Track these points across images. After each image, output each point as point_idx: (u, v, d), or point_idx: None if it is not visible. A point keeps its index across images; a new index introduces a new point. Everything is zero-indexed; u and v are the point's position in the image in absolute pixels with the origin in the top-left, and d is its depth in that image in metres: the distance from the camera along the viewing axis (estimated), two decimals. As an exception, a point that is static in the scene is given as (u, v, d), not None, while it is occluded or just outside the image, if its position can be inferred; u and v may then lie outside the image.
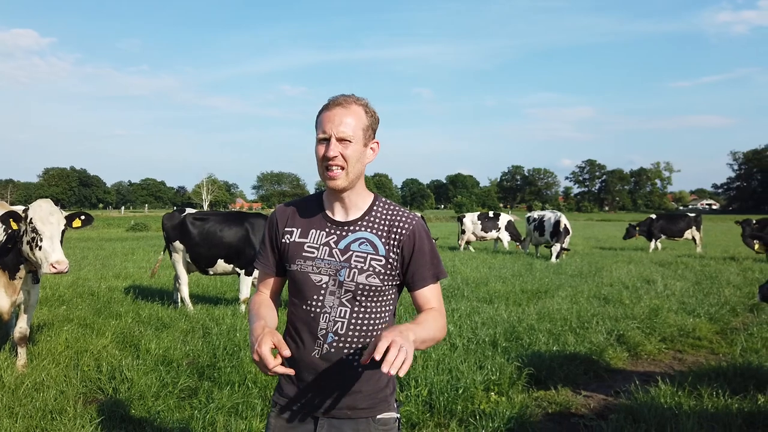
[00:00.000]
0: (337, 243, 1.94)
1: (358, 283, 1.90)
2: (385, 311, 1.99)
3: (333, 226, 1.97)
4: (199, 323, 6.95)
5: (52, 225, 4.68)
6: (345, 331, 1.92)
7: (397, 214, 2.00)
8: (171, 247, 8.42)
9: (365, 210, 1.99)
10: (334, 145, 1.88)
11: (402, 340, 1.60)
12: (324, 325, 1.92)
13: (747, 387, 4.86)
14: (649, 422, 4.01)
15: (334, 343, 1.91)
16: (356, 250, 1.93)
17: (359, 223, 1.97)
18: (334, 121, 1.88)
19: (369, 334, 1.93)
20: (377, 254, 1.93)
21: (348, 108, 1.90)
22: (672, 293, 9.65)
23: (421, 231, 1.98)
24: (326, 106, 1.93)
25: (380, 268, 1.92)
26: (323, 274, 1.93)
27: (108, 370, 5.08)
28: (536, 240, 18.15)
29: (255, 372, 4.86)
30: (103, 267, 13.65)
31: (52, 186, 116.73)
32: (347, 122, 1.88)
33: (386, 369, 1.53)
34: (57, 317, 7.23)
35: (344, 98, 1.93)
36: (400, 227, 1.96)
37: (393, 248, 1.94)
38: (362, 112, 1.92)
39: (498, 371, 5.02)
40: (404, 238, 1.95)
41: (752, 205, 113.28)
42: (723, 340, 6.86)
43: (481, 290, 9.74)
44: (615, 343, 6.36)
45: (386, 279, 1.94)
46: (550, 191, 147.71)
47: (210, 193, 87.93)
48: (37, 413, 4.04)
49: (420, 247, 1.96)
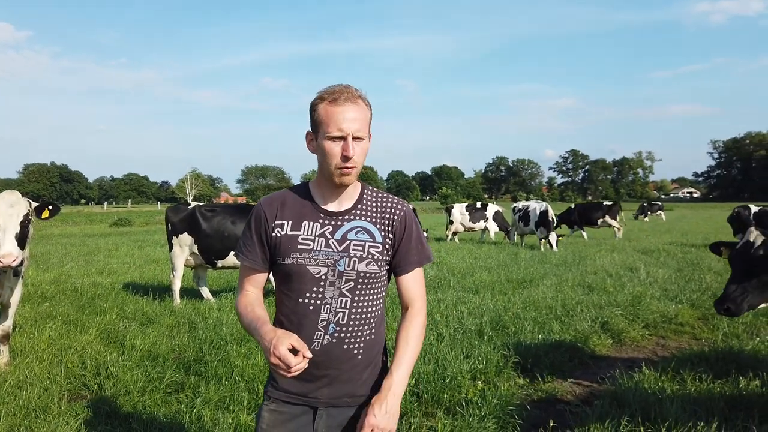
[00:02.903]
0: (333, 233, 1.94)
1: (359, 272, 1.92)
2: (380, 297, 2.04)
3: (326, 217, 1.96)
4: (185, 318, 6.90)
5: (4, 216, 4.52)
6: (346, 321, 1.93)
7: (386, 200, 2.04)
8: (174, 241, 8.34)
9: (356, 199, 2.01)
10: (353, 144, 1.86)
11: (384, 423, 1.82)
12: (325, 317, 1.92)
13: (728, 371, 4.94)
14: (633, 407, 4.06)
15: (336, 334, 1.92)
16: (354, 239, 1.94)
17: (353, 212, 1.98)
18: (348, 118, 1.84)
19: (367, 320, 1.98)
20: (375, 241, 1.96)
21: (358, 104, 1.88)
22: (654, 280, 9.78)
23: (410, 216, 2.05)
24: (335, 99, 1.85)
25: (378, 255, 1.96)
26: (321, 265, 1.91)
27: (93, 366, 5.03)
28: (521, 230, 18.27)
29: (242, 365, 4.85)
30: (87, 263, 13.48)
31: (32, 182, 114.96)
32: (361, 120, 1.87)
33: None
34: (40, 314, 7.14)
35: (351, 92, 1.88)
36: (392, 213, 2.01)
37: (388, 234, 1.99)
38: (366, 107, 1.92)
39: (484, 360, 5.05)
40: (396, 224, 2.00)
41: (732, 193, 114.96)
42: (705, 326, 6.96)
43: (467, 280, 9.79)
44: (599, 331, 6.43)
45: (383, 265, 1.99)
46: (534, 181, 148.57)
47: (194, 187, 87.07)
48: (20, 411, 3.99)
49: (409, 233, 2.02)
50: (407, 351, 1.96)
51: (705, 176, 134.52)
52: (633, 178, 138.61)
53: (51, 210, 5.02)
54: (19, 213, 4.63)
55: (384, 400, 1.85)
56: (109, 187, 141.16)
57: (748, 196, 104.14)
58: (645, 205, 42.47)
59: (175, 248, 8.30)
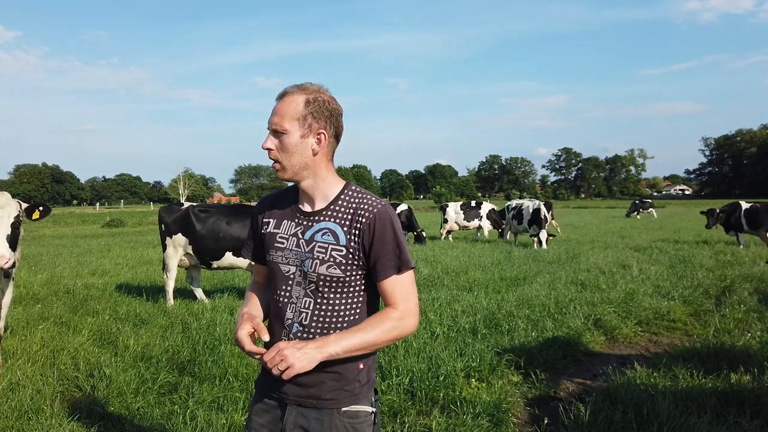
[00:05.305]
0: (303, 233, 1.95)
1: (320, 274, 1.89)
2: (353, 304, 1.94)
3: (301, 217, 1.99)
4: (178, 318, 6.88)
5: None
6: (309, 322, 1.91)
7: (362, 201, 1.93)
8: (168, 241, 8.31)
9: (331, 200, 1.97)
10: (269, 138, 1.93)
11: (287, 348, 1.78)
12: (290, 315, 1.94)
13: (720, 366, 4.98)
14: (626, 403, 4.08)
15: (299, 333, 1.92)
16: (319, 241, 1.92)
17: (324, 213, 1.95)
18: (272, 112, 1.93)
19: (334, 326, 1.91)
20: (338, 244, 1.90)
21: (285, 99, 1.91)
22: (647, 277, 9.83)
23: (384, 218, 1.90)
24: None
25: (341, 259, 1.89)
26: (291, 264, 1.95)
27: (86, 367, 5.01)
28: (515, 228, 18.32)
29: (236, 366, 4.84)
30: (79, 264, 13.41)
31: (23, 183, 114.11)
32: (280, 114, 1.90)
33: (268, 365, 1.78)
34: (32, 316, 7.10)
35: (288, 88, 1.94)
36: (360, 215, 1.90)
37: (354, 237, 1.89)
38: (300, 101, 1.89)
39: (478, 358, 5.07)
40: (363, 227, 1.88)
41: (724, 190, 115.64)
42: (697, 322, 7.01)
43: (460, 279, 9.81)
44: (592, 328, 6.46)
45: (349, 269, 1.90)
46: (528, 180, 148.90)
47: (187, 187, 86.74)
48: (13, 413, 3.97)
49: (381, 236, 1.88)
50: (360, 326, 1.88)
51: (697, 173, 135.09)
52: (625, 176, 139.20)
53: (41, 211, 5.00)
54: (10, 214, 4.60)
55: (307, 344, 1.79)
56: (101, 187, 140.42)
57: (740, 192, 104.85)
58: (637, 203, 42.66)
59: (169, 249, 8.27)
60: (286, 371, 1.75)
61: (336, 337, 1.84)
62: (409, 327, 1.93)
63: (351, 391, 1.93)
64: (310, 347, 1.79)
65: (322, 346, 1.81)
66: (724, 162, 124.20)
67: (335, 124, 1.96)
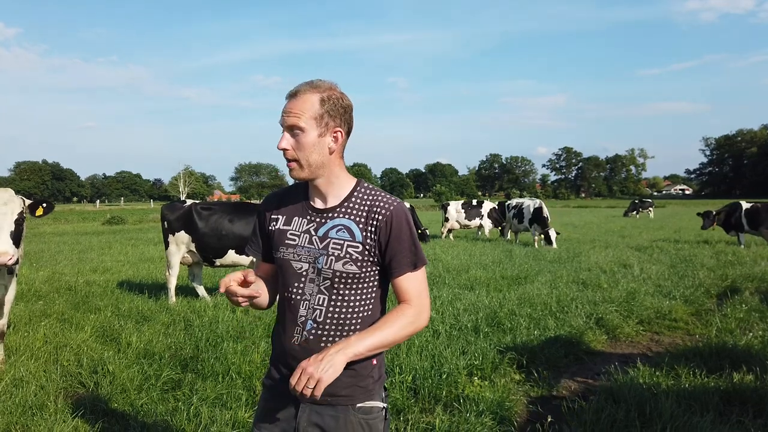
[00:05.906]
0: (317, 230, 1.95)
1: (335, 271, 1.89)
2: (367, 300, 1.96)
3: (313, 214, 1.98)
4: (180, 315, 6.89)
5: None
6: (323, 319, 1.91)
7: (376, 198, 1.95)
8: (171, 239, 8.31)
9: (345, 196, 1.97)
10: (286, 137, 1.90)
11: (309, 365, 1.71)
12: (304, 313, 1.93)
13: (722, 366, 4.99)
14: (628, 403, 4.09)
15: (313, 331, 1.92)
16: (333, 237, 1.92)
17: (338, 210, 1.96)
18: (284, 111, 1.90)
19: (348, 322, 1.92)
20: (354, 240, 1.91)
21: (298, 97, 1.89)
22: (648, 277, 9.83)
23: (400, 216, 1.92)
24: (287, 96, 1.94)
25: (357, 255, 1.90)
26: (303, 261, 1.94)
27: (89, 364, 5.01)
28: (515, 227, 18.32)
29: (239, 363, 4.85)
30: (80, 261, 13.42)
31: (24, 180, 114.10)
32: (296, 112, 1.87)
33: (296, 389, 1.71)
34: (34, 312, 7.11)
35: (300, 86, 1.91)
36: (377, 212, 1.92)
37: (370, 234, 1.91)
38: (315, 100, 1.88)
39: (481, 356, 5.07)
40: (381, 224, 1.90)
41: (724, 190, 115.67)
42: (698, 321, 7.02)
43: (462, 277, 9.81)
44: (594, 327, 6.47)
45: (365, 265, 1.91)
46: (528, 179, 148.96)
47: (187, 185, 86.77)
48: (16, 409, 3.98)
49: (397, 234, 1.91)
50: (378, 325, 1.89)
51: (697, 173, 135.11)
52: (626, 176, 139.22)
53: (45, 207, 5.00)
54: (14, 211, 4.61)
55: (326, 352, 1.77)
56: (101, 184, 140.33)
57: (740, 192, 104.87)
58: (636, 203, 42.68)
59: (171, 246, 8.27)
60: (316, 387, 1.69)
61: (356, 338, 1.83)
62: (423, 322, 1.96)
63: (365, 387, 1.95)
64: (332, 353, 1.75)
65: (345, 348, 1.78)
66: (724, 162, 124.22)
67: (349, 121, 1.97)
